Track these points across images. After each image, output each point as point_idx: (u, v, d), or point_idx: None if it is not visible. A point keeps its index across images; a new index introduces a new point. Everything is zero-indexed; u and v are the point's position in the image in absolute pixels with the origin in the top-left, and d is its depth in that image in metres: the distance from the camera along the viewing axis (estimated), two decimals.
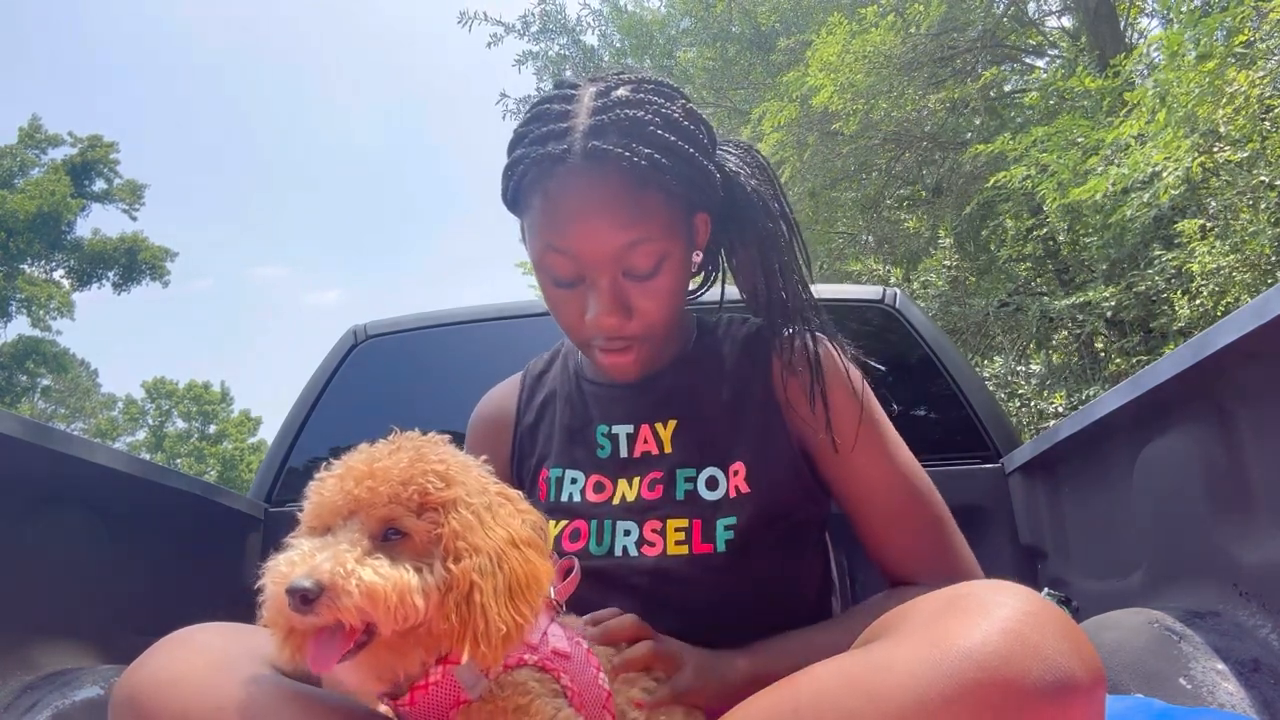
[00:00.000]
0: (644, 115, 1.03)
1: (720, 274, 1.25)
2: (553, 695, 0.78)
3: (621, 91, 1.05)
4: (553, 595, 0.91)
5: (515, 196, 1.11)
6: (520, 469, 1.25)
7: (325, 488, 0.76)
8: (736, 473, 1.09)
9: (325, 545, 0.71)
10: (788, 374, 1.13)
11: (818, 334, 1.14)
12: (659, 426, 1.15)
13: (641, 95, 1.05)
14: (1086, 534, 1.99)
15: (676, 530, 1.07)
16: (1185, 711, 1.07)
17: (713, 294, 1.29)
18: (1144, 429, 1.60)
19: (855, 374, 1.14)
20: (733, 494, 1.08)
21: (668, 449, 1.13)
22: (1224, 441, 1.35)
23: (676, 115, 1.06)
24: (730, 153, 1.18)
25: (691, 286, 1.23)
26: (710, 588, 1.04)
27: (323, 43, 74.91)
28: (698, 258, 1.16)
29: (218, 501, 2.09)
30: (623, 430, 1.16)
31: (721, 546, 1.04)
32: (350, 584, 0.67)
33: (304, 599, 0.67)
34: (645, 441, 1.15)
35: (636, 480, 1.12)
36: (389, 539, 0.74)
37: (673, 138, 1.03)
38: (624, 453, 1.15)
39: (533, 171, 1.05)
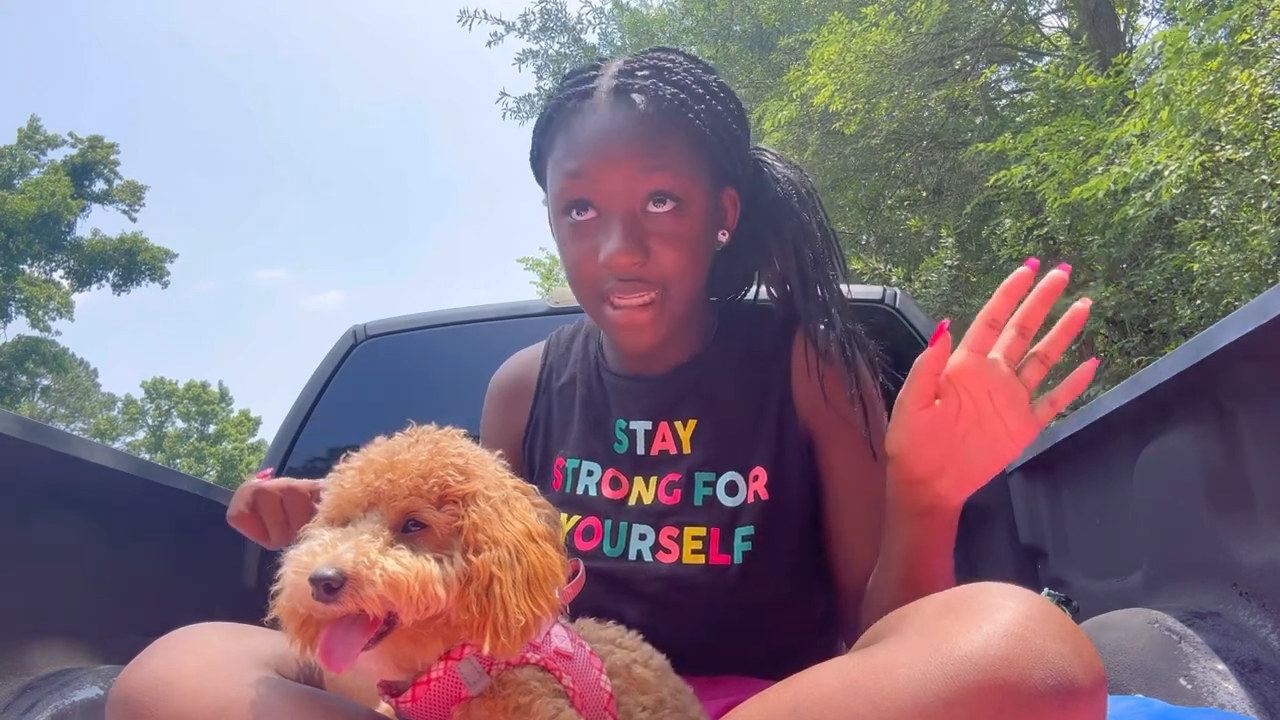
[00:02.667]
0: (673, 63, 1.07)
1: (756, 283, 1.24)
2: (554, 695, 0.78)
3: (653, 55, 1.10)
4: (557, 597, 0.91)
5: (539, 149, 1.12)
6: (532, 446, 1.23)
7: (345, 480, 0.77)
8: (756, 478, 1.08)
9: (347, 536, 0.71)
10: (815, 368, 1.09)
11: (852, 335, 1.10)
12: (678, 425, 1.13)
13: (673, 56, 1.10)
14: (1087, 534, 1.99)
15: (694, 539, 1.05)
16: (1185, 711, 1.07)
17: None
18: (1144, 429, 1.60)
19: (869, 379, 1.11)
20: (750, 499, 1.07)
21: (686, 449, 1.12)
22: (1224, 441, 1.35)
23: (706, 77, 1.09)
24: (766, 150, 1.19)
25: (727, 291, 1.23)
26: (724, 599, 1.03)
27: (322, 44, 74.93)
28: (724, 237, 1.14)
29: (218, 502, 2.09)
30: (640, 426, 1.14)
31: (739, 558, 1.03)
32: (374, 573, 0.68)
33: (328, 588, 0.67)
34: (664, 439, 1.13)
35: (654, 480, 1.11)
36: (409, 530, 0.74)
37: (699, 89, 1.06)
38: (641, 449, 1.13)
39: (558, 114, 1.08)
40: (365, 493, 0.75)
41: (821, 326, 1.09)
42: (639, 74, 1.05)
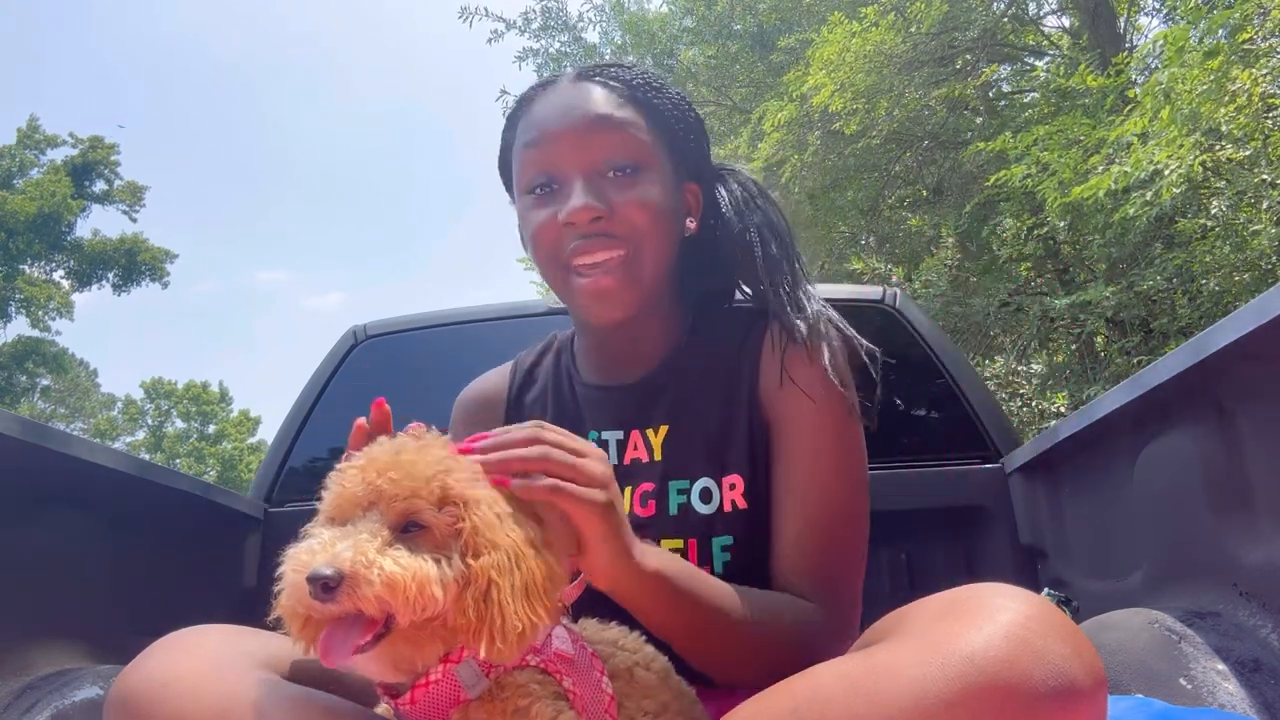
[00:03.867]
0: (632, 65, 1.13)
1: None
2: (554, 698, 0.78)
3: (614, 61, 1.16)
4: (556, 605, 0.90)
5: (506, 145, 1.16)
6: None
7: (346, 479, 0.77)
8: (733, 486, 1.06)
9: (346, 535, 0.71)
10: (774, 355, 1.08)
11: (817, 322, 1.09)
12: (649, 432, 1.12)
13: (634, 64, 1.15)
14: (1087, 534, 1.99)
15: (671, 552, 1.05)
16: (1185, 711, 1.07)
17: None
18: (1144, 429, 1.60)
19: (846, 372, 1.09)
20: (728, 508, 1.05)
21: (658, 456, 1.10)
22: (1224, 441, 1.35)
23: (664, 82, 1.14)
24: (733, 167, 1.22)
25: (703, 298, 1.22)
26: None
27: (323, 45, 74.91)
28: (692, 225, 1.15)
29: (218, 501, 2.09)
30: (613, 436, 1.13)
31: (719, 569, 1.03)
32: (371, 573, 0.68)
33: (325, 587, 0.68)
34: (635, 448, 1.12)
35: (628, 491, 1.09)
36: (408, 531, 0.74)
37: (658, 85, 1.12)
38: (613, 460, 1.12)
39: (522, 107, 1.14)
40: (366, 491, 0.75)
41: (796, 323, 1.08)
42: (602, 67, 1.12)
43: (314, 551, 0.70)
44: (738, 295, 1.23)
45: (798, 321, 1.08)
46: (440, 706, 0.77)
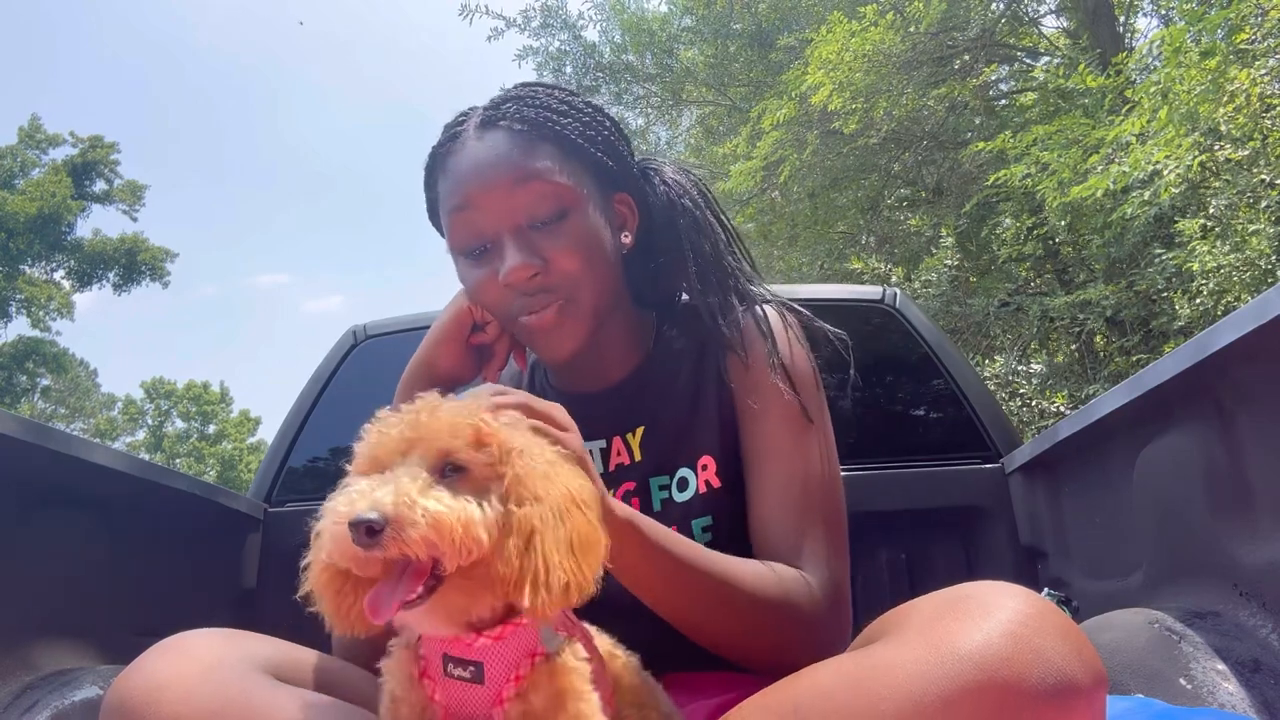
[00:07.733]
0: (535, 92, 1.10)
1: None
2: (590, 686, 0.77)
3: (518, 88, 1.13)
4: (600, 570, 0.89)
5: (432, 203, 1.15)
6: None
7: (385, 425, 0.75)
8: (705, 467, 1.09)
9: (385, 481, 0.69)
10: (732, 349, 1.12)
11: (764, 308, 1.14)
12: (629, 437, 1.14)
13: (538, 86, 1.12)
14: (1086, 534, 1.99)
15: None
16: (1185, 711, 1.07)
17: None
18: (1144, 429, 1.60)
19: (800, 353, 1.12)
20: (703, 489, 1.08)
21: (638, 456, 1.13)
22: (1224, 441, 1.35)
23: (571, 98, 1.11)
24: (655, 159, 1.23)
25: (659, 299, 1.23)
26: None
27: (324, 45, 74.89)
28: (628, 240, 1.16)
29: (218, 501, 2.09)
30: (596, 446, 1.15)
31: None
32: (416, 514, 0.65)
33: (369, 531, 0.64)
34: (619, 454, 1.14)
35: (611, 494, 1.11)
36: (446, 475, 0.71)
37: (564, 107, 1.09)
38: (600, 468, 1.14)
39: (436, 163, 1.12)
40: (402, 438, 0.73)
41: (730, 313, 1.12)
42: (503, 106, 1.08)
43: (353, 500, 0.67)
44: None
45: (724, 329, 1.12)
46: (509, 660, 0.74)
